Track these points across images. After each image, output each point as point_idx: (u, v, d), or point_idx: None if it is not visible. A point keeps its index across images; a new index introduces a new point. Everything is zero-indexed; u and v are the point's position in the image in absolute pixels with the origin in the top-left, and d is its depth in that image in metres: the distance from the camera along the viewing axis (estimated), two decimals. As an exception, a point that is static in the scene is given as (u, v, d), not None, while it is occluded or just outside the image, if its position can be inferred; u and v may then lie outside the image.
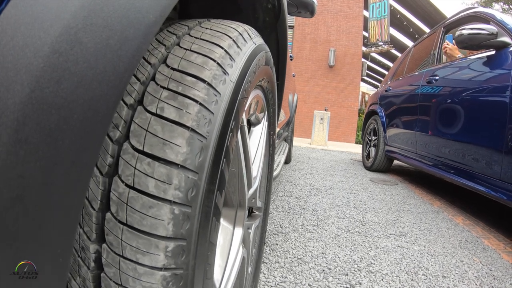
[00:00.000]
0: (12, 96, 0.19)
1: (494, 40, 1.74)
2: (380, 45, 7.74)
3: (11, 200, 0.20)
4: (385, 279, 1.12)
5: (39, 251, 0.22)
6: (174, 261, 0.33)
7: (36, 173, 0.21)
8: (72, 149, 0.23)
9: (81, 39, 0.23)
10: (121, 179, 0.34)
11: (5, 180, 0.19)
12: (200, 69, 0.39)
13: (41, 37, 0.21)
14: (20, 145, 0.20)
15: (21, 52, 0.20)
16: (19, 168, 0.20)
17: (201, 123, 0.36)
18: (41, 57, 0.21)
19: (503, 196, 1.54)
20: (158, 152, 0.34)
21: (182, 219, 0.34)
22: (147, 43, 0.29)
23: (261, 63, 0.60)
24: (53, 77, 0.21)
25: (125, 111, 0.36)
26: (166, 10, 0.32)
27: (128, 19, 0.27)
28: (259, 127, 0.81)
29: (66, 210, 0.24)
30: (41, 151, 0.21)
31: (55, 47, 0.21)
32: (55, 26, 0.21)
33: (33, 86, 0.20)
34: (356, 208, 1.98)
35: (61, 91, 0.22)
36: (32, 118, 0.20)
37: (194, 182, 0.35)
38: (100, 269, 0.36)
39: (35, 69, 0.20)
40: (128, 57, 0.27)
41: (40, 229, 0.22)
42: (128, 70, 0.27)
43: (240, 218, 0.67)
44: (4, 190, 0.19)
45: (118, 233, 0.33)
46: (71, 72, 0.22)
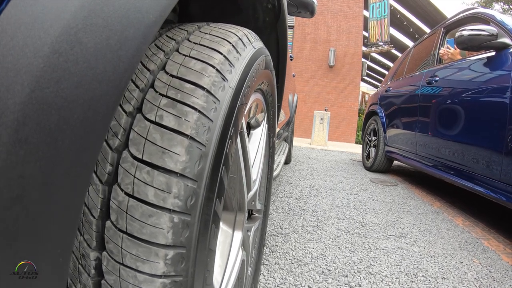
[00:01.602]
0: (12, 96, 0.19)
1: (494, 41, 1.74)
2: (380, 45, 7.73)
3: (11, 200, 0.20)
4: (384, 280, 1.12)
5: (39, 251, 0.22)
6: (173, 269, 0.34)
7: (36, 173, 0.21)
8: (72, 149, 0.23)
9: (81, 39, 0.23)
10: (121, 188, 0.34)
11: (5, 180, 0.19)
12: (199, 75, 0.39)
13: (41, 37, 0.21)
14: (20, 145, 0.20)
15: (21, 52, 0.20)
16: (19, 168, 0.20)
17: (200, 131, 0.36)
18: (41, 57, 0.21)
19: (503, 197, 1.54)
20: (157, 160, 0.34)
21: (181, 227, 0.34)
22: (147, 43, 0.29)
23: (261, 67, 0.59)
24: (53, 77, 0.21)
25: (124, 119, 0.36)
26: (166, 10, 0.32)
27: (128, 19, 0.27)
28: (258, 130, 0.80)
29: (66, 210, 0.24)
30: (41, 151, 0.21)
31: (55, 47, 0.21)
32: (55, 26, 0.21)
33: (33, 86, 0.20)
34: (356, 209, 1.98)
35: (61, 91, 0.22)
36: (32, 118, 0.20)
37: (193, 190, 0.34)
38: (101, 276, 0.36)
39: (35, 69, 0.20)
40: (128, 57, 0.27)
41: (40, 229, 0.22)
42: (128, 70, 0.27)
43: (239, 221, 0.67)
44: (4, 190, 0.19)
45: (118, 241, 0.34)
46: (71, 72, 0.22)
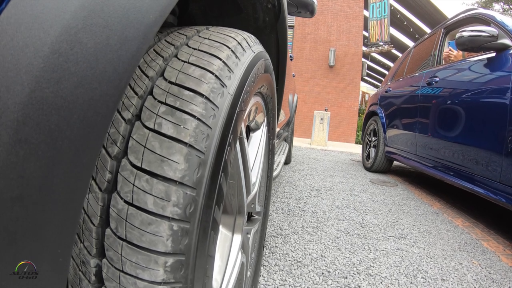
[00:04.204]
0: (12, 96, 0.19)
1: (495, 42, 1.74)
2: (381, 45, 7.73)
3: (11, 200, 0.20)
4: (384, 282, 1.12)
5: (39, 251, 0.22)
6: (173, 276, 0.34)
7: (36, 173, 0.21)
8: (72, 149, 0.23)
9: (81, 39, 0.23)
10: (120, 196, 0.34)
11: (5, 180, 0.19)
12: (198, 82, 0.38)
13: (41, 37, 0.21)
14: (20, 145, 0.20)
15: (21, 52, 0.20)
16: (19, 168, 0.20)
17: (199, 139, 0.36)
18: (41, 57, 0.21)
19: (503, 198, 1.54)
20: (156, 169, 0.34)
21: (180, 235, 0.34)
22: (147, 43, 0.29)
23: (260, 72, 0.59)
24: (53, 77, 0.21)
25: (123, 127, 0.36)
26: (165, 10, 0.32)
27: (128, 19, 0.27)
28: (258, 133, 0.80)
29: (66, 210, 0.24)
30: (41, 151, 0.21)
31: (55, 47, 0.21)
32: (55, 26, 0.21)
33: (33, 86, 0.20)
34: (356, 209, 1.98)
35: (61, 91, 0.22)
36: (32, 118, 0.20)
37: (192, 198, 0.34)
38: (101, 283, 0.36)
39: (35, 69, 0.20)
40: (128, 58, 0.27)
41: (40, 229, 0.22)
42: (128, 70, 0.27)
43: (239, 224, 0.66)
44: (4, 190, 0.19)
45: (118, 248, 0.34)
46: (71, 72, 0.22)
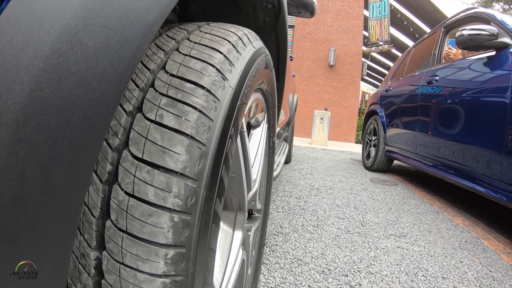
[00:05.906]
0: (12, 96, 0.19)
1: (495, 40, 1.74)
2: (381, 45, 7.73)
3: (11, 200, 0.20)
4: (384, 280, 1.12)
5: (39, 251, 0.22)
6: (174, 268, 0.34)
7: (36, 173, 0.21)
8: (72, 149, 0.23)
9: (81, 39, 0.23)
10: (121, 187, 0.34)
11: (5, 180, 0.19)
12: (199, 75, 0.39)
13: (41, 37, 0.21)
14: (20, 145, 0.20)
15: (21, 52, 0.20)
16: (19, 168, 0.20)
17: (200, 130, 0.36)
18: (41, 57, 0.21)
19: (503, 197, 1.54)
20: (157, 160, 0.34)
21: (181, 226, 0.34)
22: (147, 43, 0.29)
23: (261, 67, 0.59)
24: (53, 77, 0.21)
25: (124, 118, 0.36)
26: (166, 10, 0.32)
27: (128, 19, 0.27)
28: (259, 130, 0.80)
29: (66, 210, 0.24)
30: (41, 151, 0.21)
31: (55, 47, 0.21)
32: (55, 26, 0.21)
33: (33, 86, 0.20)
34: (356, 208, 1.98)
35: (61, 91, 0.22)
36: (32, 118, 0.20)
37: (194, 189, 0.34)
38: (101, 275, 0.36)
39: (35, 69, 0.20)
40: (128, 57, 0.27)
41: (40, 229, 0.22)
42: (128, 70, 0.27)
43: (239, 221, 0.67)
44: (4, 190, 0.19)
45: (118, 240, 0.34)
46: (71, 72, 0.22)
